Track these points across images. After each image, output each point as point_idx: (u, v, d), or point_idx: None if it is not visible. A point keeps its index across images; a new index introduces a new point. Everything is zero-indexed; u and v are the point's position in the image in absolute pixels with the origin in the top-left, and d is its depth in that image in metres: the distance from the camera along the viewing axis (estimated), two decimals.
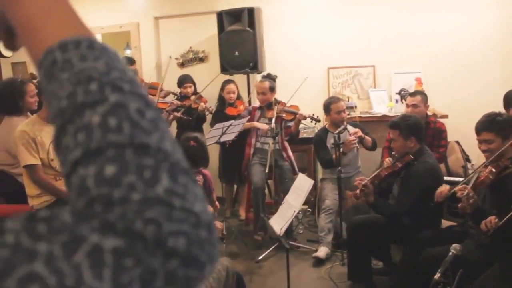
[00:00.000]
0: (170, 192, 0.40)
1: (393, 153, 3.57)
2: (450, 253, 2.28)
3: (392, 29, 5.30)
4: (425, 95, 4.39)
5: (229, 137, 4.36)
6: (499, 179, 2.76)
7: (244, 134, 4.68)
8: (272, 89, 4.65)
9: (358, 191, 3.31)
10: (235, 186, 5.51)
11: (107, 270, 0.37)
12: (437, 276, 2.18)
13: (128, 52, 5.98)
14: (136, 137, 0.42)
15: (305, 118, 4.47)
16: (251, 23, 5.18)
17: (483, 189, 2.81)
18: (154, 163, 0.41)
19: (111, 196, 0.39)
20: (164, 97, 5.30)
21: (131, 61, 5.28)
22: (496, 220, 2.50)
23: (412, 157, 3.34)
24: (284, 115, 4.53)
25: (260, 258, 4.18)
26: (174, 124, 5.23)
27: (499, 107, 3.69)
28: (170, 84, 5.43)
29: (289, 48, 5.57)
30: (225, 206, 5.34)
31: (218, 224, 2.57)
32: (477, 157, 4.29)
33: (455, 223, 3.40)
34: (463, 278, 2.21)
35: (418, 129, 3.41)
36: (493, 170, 2.75)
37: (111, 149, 0.41)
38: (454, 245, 2.32)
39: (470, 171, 4.10)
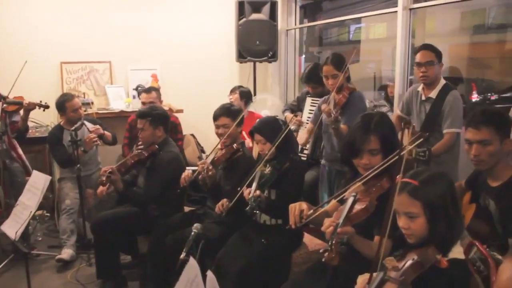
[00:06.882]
0: None
1: (138, 145, 3.60)
2: (192, 233, 2.43)
3: (128, 25, 5.35)
4: (158, 90, 4.57)
5: None
6: (232, 160, 3.12)
7: None
8: None
9: (104, 178, 3.22)
10: None
11: None
12: (182, 255, 2.29)
13: None
14: None
15: (33, 106, 4.18)
16: None
17: (219, 167, 3.12)
18: None
19: None
20: None
21: None
22: (227, 202, 2.80)
23: (157, 146, 3.45)
24: (6, 106, 4.11)
25: None
26: None
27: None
28: None
29: (17, 39, 5.04)
30: None
31: None
32: (211, 148, 4.70)
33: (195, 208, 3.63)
34: (205, 253, 2.38)
35: (166, 119, 3.58)
36: (228, 151, 3.11)
37: None
38: (195, 224, 2.47)
39: None
